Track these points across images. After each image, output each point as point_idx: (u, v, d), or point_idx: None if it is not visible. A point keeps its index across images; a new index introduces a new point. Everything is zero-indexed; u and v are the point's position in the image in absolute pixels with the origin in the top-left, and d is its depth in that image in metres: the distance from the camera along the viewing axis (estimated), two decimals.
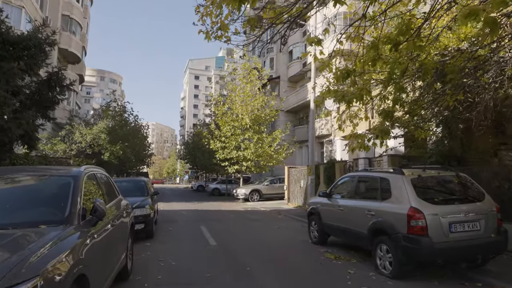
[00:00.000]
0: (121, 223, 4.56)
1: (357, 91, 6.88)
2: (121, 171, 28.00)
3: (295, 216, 13.83)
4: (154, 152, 33.48)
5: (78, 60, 29.99)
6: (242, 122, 21.46)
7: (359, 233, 6.17)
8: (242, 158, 21.66)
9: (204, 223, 11.55)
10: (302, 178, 18.14)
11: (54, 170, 4.13)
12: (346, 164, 13.72)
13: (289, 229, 10.65)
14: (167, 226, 10.85)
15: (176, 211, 15.83)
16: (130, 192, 9.32)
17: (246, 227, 10.91)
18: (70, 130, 19.21)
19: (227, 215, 14.32)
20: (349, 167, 13.60)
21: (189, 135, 40.00)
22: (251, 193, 21.77)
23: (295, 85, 32.21)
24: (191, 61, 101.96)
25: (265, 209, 16.90)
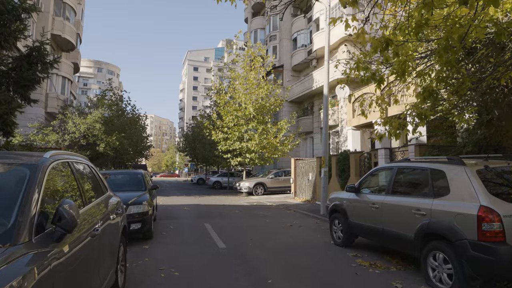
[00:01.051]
0: (108, 229, 3.44)
1: (397, 64, 5.72)
2: (119, 164, 26.84)
3: (306, 211, 12.76)
4: (152, 144, 32.25)
5: (72, 47, 28.64)
6: (246, 112, 20.25)
7: (402, 236, 5.07)
8: (245, 149, 20.51)
9: (208, 220, 10.45)
10: (310, 170, 17.04)
11: (8, 157, 2.83)
12: (362, 155, 12.59)
13: (304, 227, 9.55)
14: (167, 223, 9.74)
15: (177, 206, 14.73)
16: (125, 186, 8.22)
17: (255, 225, 9.81)
18: (63, 119, 17.97)
19: (232, 211, 13.23)
20: (365, 158, 12.47)
21: (189, 127, 38.76)
22: (255, 187, 20.68)
23: (299, 75, 30.96)
24: (190, 53, 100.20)
25: (272, 204, 15.82)
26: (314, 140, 27.40)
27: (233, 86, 21.45)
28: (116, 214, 3.95)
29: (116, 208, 4.11)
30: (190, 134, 36.83)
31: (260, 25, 35.07)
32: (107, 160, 22.61)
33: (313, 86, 25.83)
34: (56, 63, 8.40)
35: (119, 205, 4.38)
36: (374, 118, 14.28)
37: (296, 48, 30.27)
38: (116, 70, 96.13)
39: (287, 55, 30.86)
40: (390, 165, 6.00)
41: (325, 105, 12.28)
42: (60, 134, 17.32)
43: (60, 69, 25.74)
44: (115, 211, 3.96)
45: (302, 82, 28.11)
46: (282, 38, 31.34)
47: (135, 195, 7.45)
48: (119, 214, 4.11)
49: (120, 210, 4.20)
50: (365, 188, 6.49)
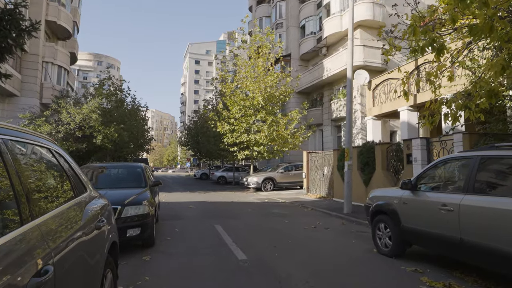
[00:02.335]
0: (82, 253, 2.06)
1: (481, 21, 4.28)
2: (118, 158, 25.48)
3: (326, 209, 11.40)
4: (154, 137, 30.87)
5: (68, 35, 27.19)
6: (254, 102, 18.83)
7: (498, 250, 3.68)
8: (253, 142, 19.13)
9: (218, 220, 9.09)
10: (325, 164, 15.65)
11: None
12: (390, 147, 11.17)
13: (331, 229, 8.18)
14: (171, 225, 8.39)
15: (181, 203, 13.38)
16: (121, 182, 6.86)
17: (273, 226, 8.45)
18: (57, 109, 16.57)
19: (243, 209, 11.88)
20: (393, 150, 11.05)
21: (191, 119, 37.35)
22: (264, 182, 19.32)
23: (307, 64, 29.42)
24: (191, 45, 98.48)
25: (284, 201, 14.46)
26: (324, 132, 25.97)
27: (239, 74, 20.00)
28: (98, 225, 2.56)
29: (100, 215, 2.73)
30: (193, 127, 35.47)
31: (265, 13, 33.49)
32: (106, 153, 21.24)
33: (323, 75, 24.33)
34: (35, 30, 6.99)
35: (105, 211, 3.00)
36: (400, 104, 12.86)
37: (304, 36, 28.71)
38: (116, 64, 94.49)
39: (294, 43, 29.31)
40: (465, 154, 4.59)
41: (349, 89, 10.84)
42: (54, 125, 15.92)
43: (56, 58, 24.36)
44: (97, 221, 2.58)
45: (310, 71, 26.60)
46: (289, 26, 29.77)
47: (133, 193, 6.08)
48: (104, 225, 2.72)
49: (105, 219, 2.81)
50: (424, 185, 5.10)
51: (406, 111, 12.44)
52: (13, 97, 21.30)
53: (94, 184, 6.73)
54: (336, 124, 24.94)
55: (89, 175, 6.71)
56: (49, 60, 23.85)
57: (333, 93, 25.18)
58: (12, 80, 20.75)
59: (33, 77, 22.30)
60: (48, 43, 24.19)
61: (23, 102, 20.56)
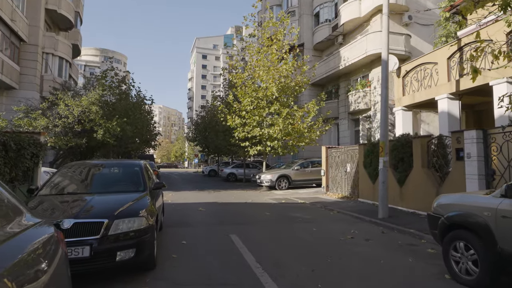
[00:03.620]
0: None
1: None
2: (123, 154, 24.21)
3: (354, 213, 9.88)
4: (160, 132, 29.57)
5: (70, 25, 25.94)
6: (267, 93, 17.30)
7: None
8: (266, 136, 17.63)
9: (233, 228, 7.66)
10: (348, 160, 14.11)
11: None
12: (431, 141, 9.56)
13: (374, 241, 6.67)
14: (178, 235, 6.97)
15: (189, 204, 11.99)
16: (114, 184, 5.45)
17: (301, 236, 6.98)
18: (54, 101, 15.24)
19: (260, 212, 10.43)
20: (434, 145, 9.46)
21: (199, 114, 35.95)
22: (278, 180, 17.84)
23: (321, 54, 27.75)
24: (198, 40, 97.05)
25: (304, 201, 12.98)
26: (340, 126, 24.36)
27: (251, 63, 18.47)
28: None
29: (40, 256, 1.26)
30: (201, 122, 34.09)
31: (276, 1, 31.84)
32: (108, 149, 19.95)
33: (340, 65, 22.68)
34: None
35: (49, 249, 1.53)
36: (439, 92, 11.24)
37: (318, 24, 27.03)
38: (123, 59, 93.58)
39: (307, 32, 27.61)
40: None
41: (384, 73, 9.25)
42: (51, 118, 14.60)
43: (57, 49, 23.10)
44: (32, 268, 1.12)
45: (325, 61, 24.95)
46: (302, 14, 28.07)
47: (127, 200, 4.66)
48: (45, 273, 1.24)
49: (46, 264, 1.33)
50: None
51: (446, 100, 10.83)
52: (11, 90, 20.09)
53: (76, 188, 5.33)
54: (354, 118, 23.30)
55: (71, 176, 5.34)
56: (50, 51, 22.60)
57: (351, 84, 23.53)
58: (10, 71, 19.55)
59: (33, 68, 21.07)
60: (48, 33, 22.93)
61: (22, 95, 19.32)
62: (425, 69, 12.04)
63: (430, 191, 9.13)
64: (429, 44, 20.92)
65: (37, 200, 4.60)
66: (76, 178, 5.40)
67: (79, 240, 3.78)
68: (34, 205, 4.34)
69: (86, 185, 5.28)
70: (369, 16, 21.40)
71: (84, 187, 5.20)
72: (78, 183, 5.29)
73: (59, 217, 3.94)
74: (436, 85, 11.50)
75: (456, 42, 10.72)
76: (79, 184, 5.28)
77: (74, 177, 5.38)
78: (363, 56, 20.09)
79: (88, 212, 4.16)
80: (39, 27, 21.52)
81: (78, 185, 5.21)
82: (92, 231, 3.90)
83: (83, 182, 5.38)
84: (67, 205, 4.35)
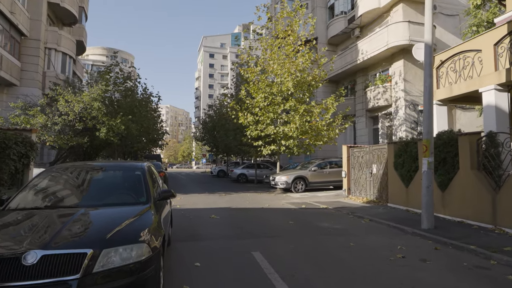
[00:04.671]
0: None
1: None
2: (129, 154, 23.12)
3: (389, 221, 8.55)
4: (167, 131, 28.45)
5: (74, 20, 24.96)
6: (283, 88, 16.01)
7: None
8: (281, 135, 16.35)
9: (255, 243, 6.41)
10: (374, 161, 12.77)
11: None
12: (481, 140, 8.17)
13: (433, 263, 5.35)
14: (189, 253, 5.74)
15: (200, 211, 10.76)
16: (108, 194, 4.22)
17: (339, 256, 5.71)
18: (53, 97, 14.13)
19: (282, 220, 9.16)
20: (484, 143, 8.08)
21: (207, 113, 34.78)
22: (294, 182, 16.54)
23: (335, 49, 26.38)
24: (205, 38, 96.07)
25: (326, 206, 11.68)
26: (357, 125, 22.99)
27: (264, 56, 17.20)
28: None
29: None
30: (209, 121, 32.94)
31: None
32: (114, 149, 18.85)
33: (357, 59, 21.31)
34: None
35: None
36: (483, 83, 9.84)
37: (333, 16, 25.67)
38: (130, 58, 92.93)
39: (321, 26, 26.22)
40: None
41: (428, 58, 7.90)
42: (50, 115, 13.50)
43: (60, 44, 22.10)
44: None
45: (341, 56, 23.59)
46: (316, 7, 26.70)
47: (124, 216, 3.44)
48: None
49: None
50: None
51: (493, 92, 9.43)
52: (11, 87, 19.12)
53: (57, 200, 4.09)
54: (372, 115, 21.91)
55: (52, 183, 4.13)
56: (52, 46, 21.60)
57: (369, 80, 22.14)
58: (9, 67, 18.55)
59: (34, 64, 20.08)
60: (51, 28, 21.94)
61: (23, 92, 18.30)
62: (465, 58, 10.64)
63: (483, 197, 7.79)
64: (454, 35, 19.45)
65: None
66: (59, 186, 4.18)
67: (48, 284, 2.55)
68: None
69: (71, 195, 4.04)
70: (390, 7, 19.98)
71: (68, 198, 3.98)
72: (60, 192, 4.07)
73: (20, 246, 2.72)
74: (479, 75, 10.10)
75: (504, 24, 9.32)
76: (62, 193, 4.06)
77: (57, 184, 4.17)
78: (384, 48, 18.70)
79: (67, 237, 2.92)
80: (41, 21, 20.54)
81: (60, 196, 3.99)
82: (70, 268, 2.67)
83: (67, 191, 4.14)
84: (39, 227, 3.13)
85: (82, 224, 3.22)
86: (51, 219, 3.29)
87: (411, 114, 18.67)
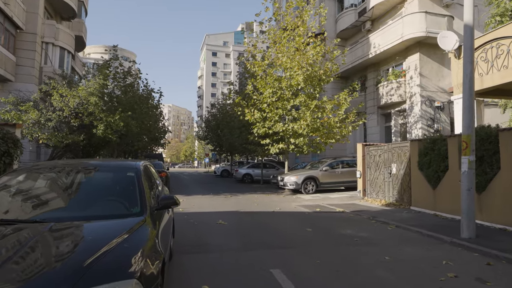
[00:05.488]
0: None
1: None
2: (129, 153, 22.19)
3: (417, 227, 7.53)
4: (170, 129, 27.48)
5: (73, 15, 24.04)
6: (292, 82, 15.01)
7: None
8: (290, 132, 15.35)
9: (273, 257, 5.42)
10: (394, 160, 11.75)
11: None
12: None
13: (496, 284, 4.35)
14: (195, 270, 4.76)
15: (205, 215, 9.78)
16: (90, 203, 3.21)
17: (376, 272, 4.72)
18: (47, 92, 13.19)
19: (297, 227, 8.16)
20: None
21: (211, 110, 33.79)
22: (304, 182, 15.54)
23: (344, 43, 25.25)
24: (208, 37, 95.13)
25: (343, 210, 10.67)
26: (368, 122, 21.91)
27: (272, 49, 16.20)
28: None
29: None
30: (212, 119, 31.99)
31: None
32: (114, 148, 17.90)
33: (369, 53, 20.27)
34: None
35: None
36: None
37: (342, 9, 24.59)
38: (132, 56, 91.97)
39: (329, 20, 25.06)
40: None
41: (469, 43, 6.89)
42: (44, 111, 12.55)
43: (57, 38, 21.17)
44: None
45: (351, 50, 22.53)
46: (323, 0, 25.62)
47: (109, 235, 2.46)
48: None
49: None
50: None
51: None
52: (6, 83, 18.19)
53: (21, 211, 3.08)
54: (384, 112, 20.88)
55: (20, 186, 3.16)
56: (50, 40, 20.68)
57: (381, 75, 21.08)
58: (4, 61, 17.61)
59: (30, 59, 19.15)
60: (48, 21, 21.02)
61: (18, 87, 17.35)
62: (499, 46, 9.60)
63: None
64: None
65: None
66: (25, 191, 3.19)
67: None
68: None
69: (39, 205, 3.04)
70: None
71: (35, 207, 2.98)
72: (25, 199, 3.08)
73: None
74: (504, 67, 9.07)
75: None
76: (27, 201, 3.06)
77: (23, 189, 3.19)
78: (398, 41, 17.65)
79: (10, 276, 1.93)
80: (37, 13, 19.61)
81: (24, 204, 3.00)
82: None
83: (35, 198, 3.14)
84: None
85: (43, 250, 2.22)
86: (6, 241, 2.29)
87: (427, 110, 17.61)
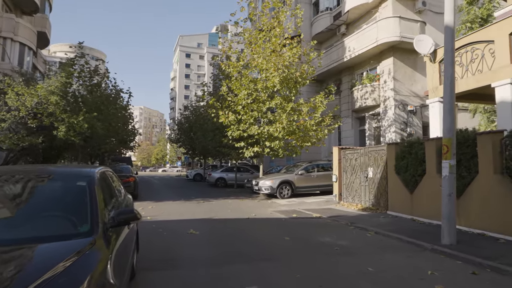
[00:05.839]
0: None
1: None
2: (96, 156, 20.98)
3: (397, 233, 7.32)
4: (139, 132, 26.37)
5: (35, 9, 22.57)
6: (268, 84, 14.66)
7: None
8: (266, 136, 14.97)
9: (249, 272, 4.94)
10: (370, 164, 11.62)
11: None
12: (504, 139, 7.11)
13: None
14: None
15: (175, 223, 9.15)
16: (26, 221, 2.58)
17: (360, 287, 4.36)
18: (1, 90, 12.05)
19: (274, 235, 7.73)
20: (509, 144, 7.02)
21: (184, 112, 32.92)
22: (280, 187, 15.18)
23: (319, 47, 25.30)
24: (181, 38, 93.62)
25: (320, 216, 10.36)
26: (343, 126, 21.96)
27: (248, 50, 15.80)
28: None
29: None
30: (185, 121, 31.15)
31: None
32: (78, 151, 16.78)
33: (344, 56, 20.34)
34: None
35: None
36: (496, 77, 8.89)
37: (318, 13, 24.65)
38: (102, 56, 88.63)
39: (305, 23, 24.92)
40: None
41: (450, 45, 6.77)
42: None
43: (17, 33, 19.76)
44: None
45: (326, 54, 22.53)
46: (299, 2, 25.57)
47: (42, 266, 1.88)
48: None
49: None
50: None
51: (509, 86, 8.49)
52: None
53: None
54: (359, 116, 21.00)
55: None
56: (8, 35, 19.26)
57: (355, 79, 21.21)
58: None
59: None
60: (6, 15, 19.58)
61: None
62: (474, 50, 9.68)
63: (510, 206, 6.70)
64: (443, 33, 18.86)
65: None
66: None
67: None
68: None
69: None
70: (378, 2, 19.13)
71: None
72: None
73: None
74: (490, 69, 9.15)
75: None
76: None
77: None
78: (373, 45, 17.78)
79: None
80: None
81: None
82: None
83: None
84: None
85: None
86: None
87: (400, 114, 17.82)
